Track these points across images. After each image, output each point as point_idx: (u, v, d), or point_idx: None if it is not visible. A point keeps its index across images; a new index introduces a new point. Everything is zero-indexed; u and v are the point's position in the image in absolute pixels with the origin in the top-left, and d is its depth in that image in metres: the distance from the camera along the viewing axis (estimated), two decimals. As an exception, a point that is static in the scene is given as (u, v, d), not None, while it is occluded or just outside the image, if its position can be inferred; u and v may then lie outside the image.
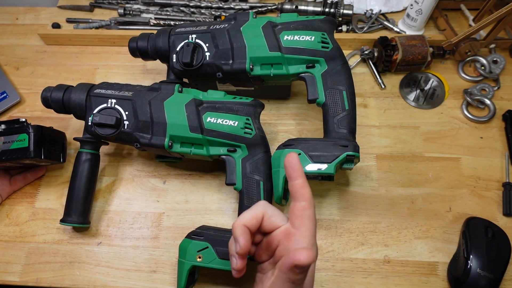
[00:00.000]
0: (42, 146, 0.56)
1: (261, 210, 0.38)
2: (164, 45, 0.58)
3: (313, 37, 0.54)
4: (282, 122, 0.67)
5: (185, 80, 0.63)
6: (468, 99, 0.66)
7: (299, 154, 0.49)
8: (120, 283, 0.55)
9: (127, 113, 0.53)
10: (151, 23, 0.76)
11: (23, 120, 0.56)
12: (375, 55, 0.69)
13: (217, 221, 0.59)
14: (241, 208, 0.52)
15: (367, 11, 0.76)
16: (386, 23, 0.75)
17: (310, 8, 0.74)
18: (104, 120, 0.52)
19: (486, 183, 0.60)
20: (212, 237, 0.49)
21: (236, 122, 0.52)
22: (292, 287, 0.34)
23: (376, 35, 0.71)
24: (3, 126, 0.56)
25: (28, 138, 0.54)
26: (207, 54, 0.56)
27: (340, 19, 0.73)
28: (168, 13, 0.77)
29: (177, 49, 0.56)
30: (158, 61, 0.61)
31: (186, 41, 0.56)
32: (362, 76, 0.71)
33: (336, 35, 0.71)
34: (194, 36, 0.56)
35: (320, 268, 0.55)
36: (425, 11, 0.69)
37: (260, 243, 0.40)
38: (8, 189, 0.60)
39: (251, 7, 0.77)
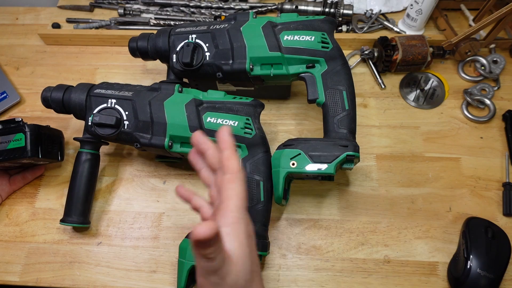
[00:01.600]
0: (39, 145, 0.56)
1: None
2: (164, 45, 0.58)
3: (313, 37, 0.54)
4: (282, 122, 0.67)
5: (185, 80, 0.63)
6: (468, 99, 0.66)
7: (299, 154, 0.49)
8: (120, 283, 0.55)
9: (127, 113, 0.53)
10: (151, 23, 0.76)
11: (19, 119, 0.56)
12: (375, 55, 0.69)
13: (217, 221, 0.59)
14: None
15: (367, 11, 0.76)
16: (386, 23, 0.75)
17: (310, 8, 0.74)
18: (104, 120, 0.52)
19: (486, 183, 0.60)
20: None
21: (236, 122, 0.52)
22: (207, 261, 0.32)
23: (376, 35, 0.71)
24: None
25: (25, 138, 0.54)
26: (207, 54, 0.56)
27: (340, 19, 0.73)
28: (168, 13, 0.77)
29: (177, 49, 0.56)
30: (158, 61, 0.61)
31: (186, 41, 0.56)
32: (362, 76, 0.71)
33: (336, 35, 0.71)
34: (194, 36, 0.56)
35: (320, 268, 0.55)
36: (425, 11, 0.69)
37: None
38: (7, 189, 0.60)
39: (251, 7, 0.77)
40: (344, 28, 0.74)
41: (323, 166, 0.48)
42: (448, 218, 0.58)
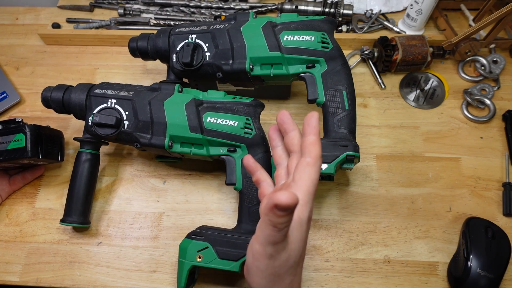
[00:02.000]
0: (39, 145, 0.56)
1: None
2: (164, 45, 0.58)
3: (313, 37, 0.54)
4: (282, 122, 0.66)
5: (185, 80, 0.63)
6: (468, 99, 0.66)
7: None
8: (120, 283, 0.55)
9: (127, 113, 0.53)
10: (151, 23, 0.76)
11: (19, 120, 0.56)
12: (375, 55, 0.69)
13: (217, 221, 0.59)
14: (241, 208, 0.52)
15: (367, 11, 0.76)
16: (386, 23, 0.75)
17: (310, 8, 0.74)
18: (104, 120, 0.52)
19: (486, 183, 0.60)
20: (212, 237, 0.49)
21: (236, 122, 0.52)
22: (274, 231, 0.32)
23: (376, 35, 0.71)
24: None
25: (25, 138, 0.54)
26: (207, 54, 0.56)
27: (340, 19, 0.73)
28: (168, 13, 0.77)
29: (177, 49, 0.56)
30: (158, 61, 0.61)
31: (186, 41, 0.56)
32: (362, 76, 0.71)
33: (336, 35, 0.71)
34: (194, 36, 0.56)
35: (320, 268, 0.55)
36: (425, 11, 0.69)
37: None
38: (7, 189, 0.60)
39: (251, 7, 0.77)
40: (344, 28, 0.74)
41: (323, 166, 0.48)
42: (448, 218, 0.58)
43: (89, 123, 0.53)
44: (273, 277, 0.36)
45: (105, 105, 0.53)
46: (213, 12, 0.77)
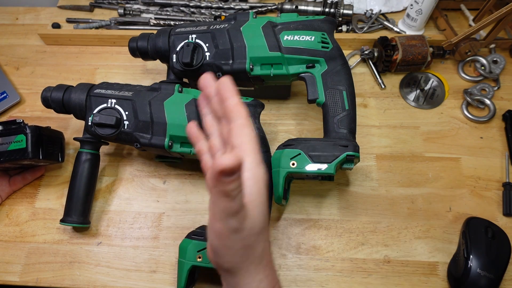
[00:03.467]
0: (40, 146, 0.56)
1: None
2: (164, 45, 0.58)
3: (313, 37, 0.54)
4: (282, 122, 0.67)
5: (185, 80, 0.63)
6: (468, 99, 0.66)
7: (299, 154, 0.49)
8: (120, 283, 0.55)
9: (127, 113, 0.53)
10: (151, 23, 0.76)
11: (20, 121, 0.56)
12: (375, 55, 0.69)
13: (217, 221, 0.59)
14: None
15: (367, 11, 0.76)
16: (386, 23, 0.75)
17: (310, 8, 0.74)
18: (104, 120, 0.52)
19: (486, 183, 0.60)
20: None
21: (236, 122, 0.52)
22: (228, 201, 0.31)
23: (376, 35, 0.71)
24: (0, 128, 0.56)
25: (26, 139, 0.54)
26: (207, 54, 0.56)
27: (340, 19, 0.73)
28: (168, 13, 0.77)
29: (177, 49, 0.56)
30: (158, 61, 0.61)
31: (186, 41, 0.56)
32: (362, 76, 0.71)
33: (336, 35, 0.71)
34: (194, 36, 0.56)
35: (320, 268, 0.55)
36: (425, 11, 0.69)
37: None
38: (7, 189, 0.60)
39: (251, 7, 0.77)
40: (344, 28, 0.74)
41: (323, 166, 0.48)
42: (448, 218, 0.58)
43: (89, 123, 0.53)
44: (244, 250, 0.34)
45: (105, 105, 0.53)
46: (213, 12, 0.77)
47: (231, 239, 0.33)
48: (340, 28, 0.75)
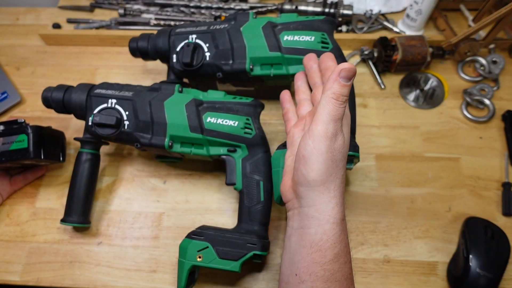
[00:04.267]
0: (42, 146, 0.56)
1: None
2: (164, 45, 0.58)
3: (313, 37, 0.54)
4: (282, 122, 0.66)
5: (185, 80, 0.63)
6: (468, 99, 0.66)
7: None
8: (121, 283, 0.55)
9: (127, 113, 0.53)
10: (151, 24, 0.76)
11: (22, 121, 0.56)
12: (375, 55, 0.69)
13: (217, 221, 0.59)
14: (241, 208, 0.52)
15: (367, 11, 0.76)
16: (386, 23, 0.75)
17: (310, 8, 0.74)
18: (105, 120, 0.52)
19: (485, 183, 0.60)
20: (212, 237, 0.49)
21: (236, 122, 0.52)
22: (336, 104, 0.37)
23: (376, 35, 0.71)
24: (1, 127, 0.56)
25: (28, 139, 0.55)
26: (207, 54, 0.56)
27: (340, 19, 0.73)
28: (168, 13, 0.77)
29: (177, 49, 0.57)
30: (158, 61, 0.61)
31: (186, 41, 0.56)
32: (362, 76, 0.71)
33: (336, 35, 0.71)
34: (194, 36, 0.57)
35: (320, 268, 0.55)
36: (424, 11, 0.69)
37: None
38: (8, 189, 0.60)
39: (251, 7, 0.77)
40: (344, 28, 0.75)
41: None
42: (448, 218, 0.58)
43: (90, 123, 0.53)
44: (331, 162, 0.38)
45: (105, 105, 0.54)
46: (213, 13, 0.78)
47: (326, 144, 0.38)
48: (340, 28, 0.75)
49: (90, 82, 0.58)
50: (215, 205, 0.60)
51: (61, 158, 0.60)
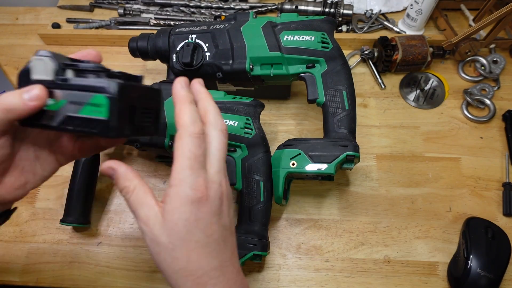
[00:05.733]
0: (131, 117, 0.33)
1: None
2: (164, 45, 0.58)
3: (313, 37, 0.54)
4: (282, 122, 0.67)
5: (185, 80, 0.63)
6: (468, 99, 0.66)
7: (299, 154, 0.49)
8: (120, 283, 0.55)
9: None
10: (151, 23, 0.76)
11: (102, 66, 0.33)
12: (375, 55, 0.69)
13: (217, 221, 0.59)
14: (241, 208, 0.52)
15: (367, 11, 0.76)
16: (386, 23, 0.75)
17: (310, 8, 0.74)
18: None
19: (486, 183, 0.60)
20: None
21: (236, 122, 0.52)
22: (123, 194, 0.34)
23: (376, 35, 0.71)
24: (72, 73, 0.33)
25: (110, 106, 0.31)
26: (207, 54, 0.56)
27: (340, 19, 0.73)
28: (168, 13, 0.77)
29: (177, 49, 0.56)
30: (158, 61, 0.61)
31: (186, 41, 0.56)
32: (362, 76, 0.71)
33: (336, 35, 0.71)
34: (194, 36, 0.56)
35: (320, 268, 0.55)
36: (425, 11, 0.69)
37: None
38: (69, 152, 0.39)
39: (251, 7, 0.77)
40: (344, 28, 0.74)
41: (323, 166, 0.48)
42: (448, 218, 0.58)
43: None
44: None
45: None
46: (213, 12, 0.77)
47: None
48: (340, 28, 0.75)
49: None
50: (215, 205, 0.60)
51: (154, 131, 0.38)
